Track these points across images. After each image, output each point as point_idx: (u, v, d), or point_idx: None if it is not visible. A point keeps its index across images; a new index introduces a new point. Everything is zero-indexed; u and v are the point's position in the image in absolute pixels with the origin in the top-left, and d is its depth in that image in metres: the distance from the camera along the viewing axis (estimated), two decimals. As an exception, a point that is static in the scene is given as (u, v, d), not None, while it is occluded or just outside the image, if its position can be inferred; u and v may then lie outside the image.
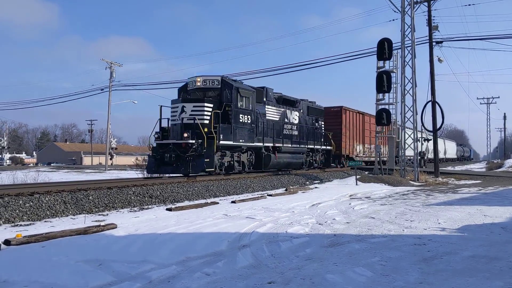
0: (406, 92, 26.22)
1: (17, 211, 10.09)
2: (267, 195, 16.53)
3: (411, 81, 26.11)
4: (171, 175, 18.43)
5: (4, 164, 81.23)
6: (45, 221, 10.06)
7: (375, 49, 25.13)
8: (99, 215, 11.21)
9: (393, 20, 31.25)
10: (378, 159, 28.18)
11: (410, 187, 22.32)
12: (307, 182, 23.24)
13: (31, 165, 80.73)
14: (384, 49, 24.77)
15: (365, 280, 5.58)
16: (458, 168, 48.49)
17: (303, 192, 18.18)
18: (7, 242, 7.46)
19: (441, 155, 63.82)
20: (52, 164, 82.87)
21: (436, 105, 28.39)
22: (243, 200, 14.46)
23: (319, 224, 10.02)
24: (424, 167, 33.71)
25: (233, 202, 14.04)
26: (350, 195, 17.19)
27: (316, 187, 20.90)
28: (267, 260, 6.63)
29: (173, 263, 6.33)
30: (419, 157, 28.97)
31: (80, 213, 11.16)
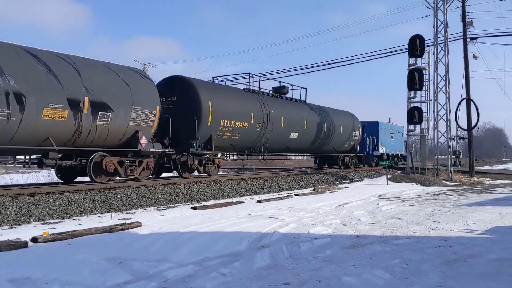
0: (439, 89, 25.57)
1: (47, 209, 10.40)
2: (294, 194, 16.47)
3: (444, 78, 25.45)
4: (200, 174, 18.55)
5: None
6: (73, 219, 10.33)
7: (403, 46, 24.67)
8: (127, 213, 11.43)
9: (426, 16, 30.41)
10: (410, 158, 27.61)
11: (442, 187, 21.77)
12: (337, 182, 23.01)
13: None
14: (416, 46, 24.25)
15: (382, 283, 5.48)
16: (496, 167, 46.99)
17: (332, 192, 18.01)
18: (34, 240, 7.71)
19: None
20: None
21: (471, 102, 27.57)
22: (268, 200, 14.45)
23: (343, 224, 9.91)
24: (459, 166, 32.81)
25: (258, 201, 14.05)
26: (379, 195, 16.91)
27: (345, 187, 20.67)
28: (285, 261, 6.60)
29: (190, 262, 6.39)
30: (453, 156, 28.21)
31: (108, 211, 11.40)
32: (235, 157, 20.73)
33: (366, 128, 31.07)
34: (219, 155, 18.31)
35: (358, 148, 29.00)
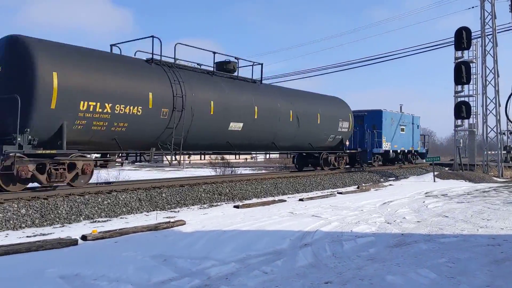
0: (487, 83, 24.60)
1: (96, 208, 10.78)
2: (337, 193, 16.31)
3: (492, 71, 24.45)
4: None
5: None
6: (120, 218, 10.66)
7: (448, 39, 23.88)
8: (171, 211, 11.67)
9: (472, 7, 29.21)
10: (458, 154, 26.72)
11: (492, 184, 20.95)
12: (381, 179, 22.60)
13: (116, 164, 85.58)
14: (462, 38, 23.45)
15: (428, 282, 5.35)
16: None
17: (376, 190, 17.70)
18: (84, 238, 8.01)
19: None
20: (136, 163, 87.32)
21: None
22: (311, 198, 14.37)
23: (388, 223, 9.72)
24: (510, 162, 31.47)
25: (300, 200, 14.01)
26: (426, 193, 16.47)
27: (390, 185, 20.26)
28: (327, 260, 6.56)
29: (233, 260, 6.46)
30: (504, 152, 27.07)
31: (154, 210, 11.69)
32: (130, 159, 15.34)
33: (367, 119, 25.55)
34: (85, 156, 12.04)
35: (347, 143, 22.58)
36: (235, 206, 12.42)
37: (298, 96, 19.60)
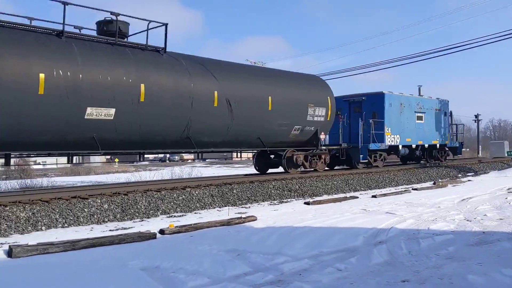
0: None
1: (172, 203, 11.21)
2: (412, 189, 15.76)
3: None
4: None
5: (167, 161, 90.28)
6: (195, 213, 11.01)
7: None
8: (242, 207, 11.88)
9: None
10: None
11: None
12: (459, 175, 21.54)
13: (189, 161, 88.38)
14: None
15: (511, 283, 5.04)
16: None
17: (454, 186, 16.90)
18: (162, 232, 8.37)
19: None
20: (207, 160, 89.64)
21: None
22: (384, 195, 14.01)
23: (467, 220, 9.26)
24: None
25: (373, 196, 13.69)
26: (508, 189, 15.48)
27: (469, 180, 19.25)
28: (403, 258, 6.38)
29: (305, 256, 6.46)
30: None
31: (225, 206, 11.96)
32: None
33: (365, 105, 19.82)
34: None
35: (323, 137, 16.70)
36: (305, 203, 12.39)
37: (232, 73, 14.09)
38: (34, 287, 5.23)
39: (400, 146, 20.37)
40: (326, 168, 18.27)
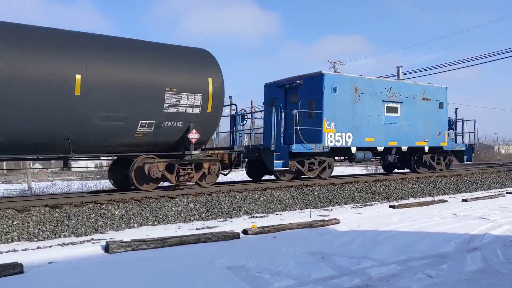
0: None
1: (253, 204, 11.34)
2: (506, 193, 14.75)
3: None
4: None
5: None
6: (276, 214, 11.05)
7: None
8: (324, 209, 11.74)
9: None
10: None
11: None
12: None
13: None
14: None
15: None
16: None
17: (555, 190, 15.54)
18: (245, 232, 8.50)
19: None
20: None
21: None
22: (476, 198, 13.19)
23: None
24: None
25: (464, 200, 12.94)
26: None
27: None
28: (500, 266, 5.95)
29: (393, 261, 6.24)
30: None
31: (306, 208, 11.88)
32: None
33: (302, 91, 14.72)
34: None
35: (192, 136, 11.18)
36: (390, 206, 11.98)
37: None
38: (130, 281, 5.52)
39: (354, 149, 14.47)
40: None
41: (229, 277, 5.57)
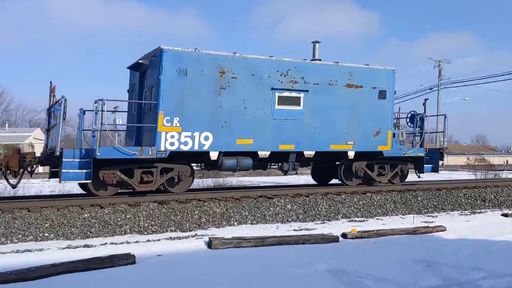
0: None
1: (352, 207, 11.12)
2: None
3: None
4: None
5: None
6: (376, 219, 10.74)
7: None
8: (428, 216, 11.18)
9: None
10: None
11: None
12: None
13: None
14: None
15: None
16: None
17: None
18: (344, 235, 8.35)
19: None
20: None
21: None
22: None
23: None
24: None
25: None
26: None
27: None
28: None
29: (508, 274, 5.76)
30: None
31: (409, 213, 11.39)
32: None
33: (149, 75, 11.25)
34: None
35: None
36: (503, 215, 11.08)
37: None
38: (232, 278, 5.70)
39: (215, 154, 10.55)
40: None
41: (330, 281, 5.51)
